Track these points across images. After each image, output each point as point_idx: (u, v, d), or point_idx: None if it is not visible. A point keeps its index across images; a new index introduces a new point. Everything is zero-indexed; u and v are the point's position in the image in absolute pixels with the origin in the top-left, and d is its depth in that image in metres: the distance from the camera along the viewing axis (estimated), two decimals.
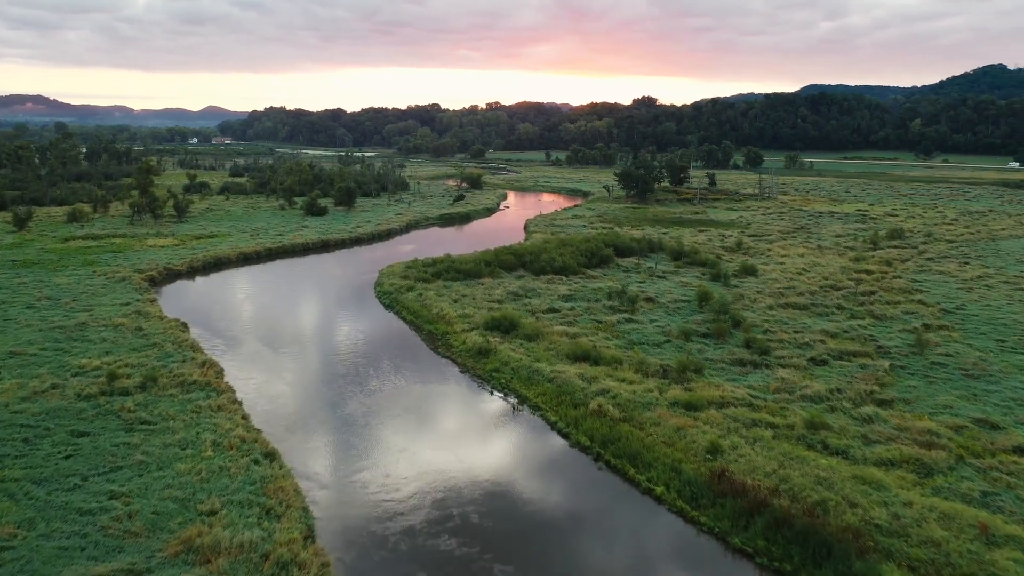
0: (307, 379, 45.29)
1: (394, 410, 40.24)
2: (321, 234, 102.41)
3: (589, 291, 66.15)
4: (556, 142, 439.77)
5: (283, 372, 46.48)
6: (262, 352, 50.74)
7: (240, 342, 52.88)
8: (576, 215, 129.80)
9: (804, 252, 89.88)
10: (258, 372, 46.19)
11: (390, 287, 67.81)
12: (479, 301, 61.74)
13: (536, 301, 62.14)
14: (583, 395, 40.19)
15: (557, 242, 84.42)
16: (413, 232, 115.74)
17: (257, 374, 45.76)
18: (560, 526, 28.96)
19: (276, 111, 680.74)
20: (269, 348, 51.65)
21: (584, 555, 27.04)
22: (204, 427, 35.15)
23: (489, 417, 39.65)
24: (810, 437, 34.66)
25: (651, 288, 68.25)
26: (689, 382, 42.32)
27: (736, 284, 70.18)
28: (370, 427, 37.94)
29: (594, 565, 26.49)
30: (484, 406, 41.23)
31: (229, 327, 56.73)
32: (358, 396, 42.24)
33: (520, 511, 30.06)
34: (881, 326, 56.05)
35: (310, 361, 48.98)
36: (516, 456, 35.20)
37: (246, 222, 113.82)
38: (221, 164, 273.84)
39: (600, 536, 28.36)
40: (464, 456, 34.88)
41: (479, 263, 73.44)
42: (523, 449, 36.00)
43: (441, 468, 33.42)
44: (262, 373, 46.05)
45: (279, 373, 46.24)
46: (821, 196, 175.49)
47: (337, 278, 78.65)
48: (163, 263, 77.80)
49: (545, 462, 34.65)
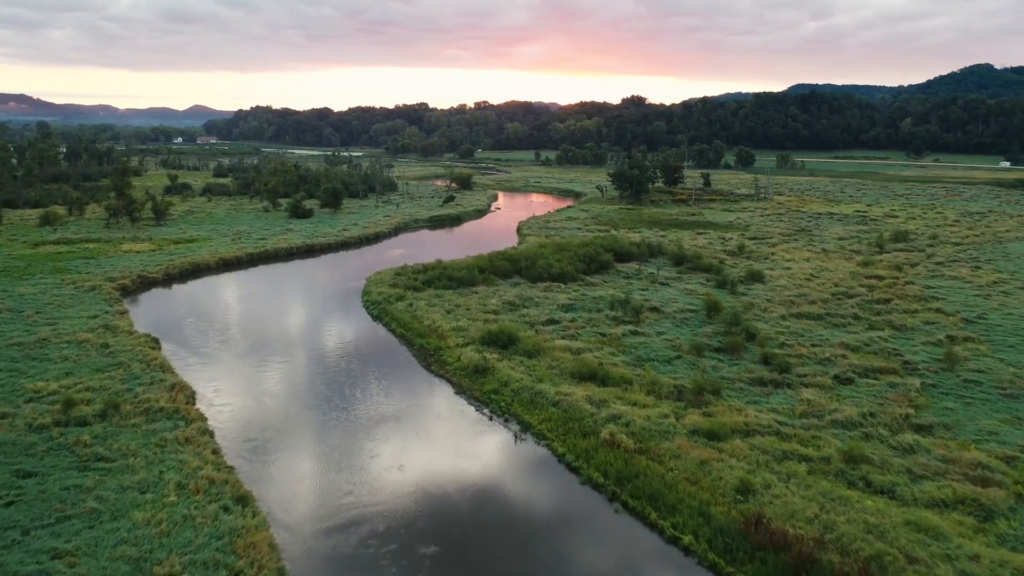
0: (288, 403, 41.24)
1: (384, 440, 36.30)
2: (306, 238, 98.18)
3: (590, 300, 62.39)
4: (545, 142, 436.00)
5: (262, 395, 42.41)
6: (239, 371, 46.64)
7: (216, 360, 48.74)
8: (570, 217, 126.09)
9: (809, 256, 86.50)
10: (234, 395, 42.09)
11: (378, 296, 63.80)
12: (474, 312, 57.86)
13: (534, 311, 58.32)
14: (592, 422, 36.41)
15: (553, 247, 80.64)
16: (402, 235, 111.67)
17: (233, 398, 41.67)
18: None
19: (262, 110, 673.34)
20: (247, 367, 47.55)
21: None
22: (169, 465, 31.11)
23: (489, 449, 35.77)
24: (850, 472, 31.01)
25: (654, 296, 64.60)
26: (707, 405, 38.65)
27: (743, 291, 66.65)
28: (357, 462, 33.99)
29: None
30: (483, 435, 37.36)
31: (205, 343, 52.56)
32: (344, 424, 38.28)
33: (531, 567, 26.22)
34: (903, 338, 52.61)
35: (292, 382, 44.91)
36: (521, 497, 31.35)
37: (228, 225, 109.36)
38: (205, 164, 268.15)
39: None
40: (464, 499, 30.99)
41: (472, 270, 69.55)
42: (529, 488, 32.16)
43: (439, 514, 29.55)
44: (238, 396, 41.97)
45: (257, 396, 42.17)
46: (816, 196, 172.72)
47: (322, 286, 74.51)
48: (137, 270, 73.42)
49: (554, 503, 30.82)
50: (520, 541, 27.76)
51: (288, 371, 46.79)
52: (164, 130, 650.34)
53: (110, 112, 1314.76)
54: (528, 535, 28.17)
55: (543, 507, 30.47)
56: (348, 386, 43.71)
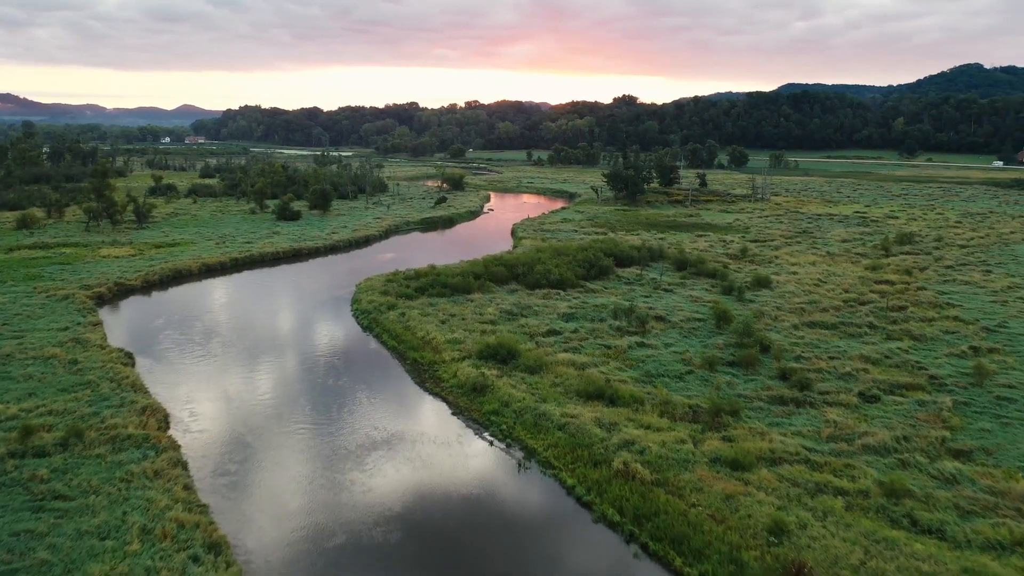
0: (272, 429, 37.91)
1: (377, 472, 33.07)
2: (293, 241, 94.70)
3: (591, 308, 59.29)
4: (537, 141, 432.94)
5: (243, 418, 39.07)
6: (219, 391, 43.28)
7: (194, 377, 45.34)
8: (565, 218, 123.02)
9: (815, 260, 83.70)
10: (212, 419, 38.75)
11: (369, 305, 60.50)
12: (469, 322, 54.66)
13: (534, 321, 55.17)
14: (603, 448, 33.30)
15: (551, 251, 77.50)
16: (393, 238, 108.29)
17: (210, 422, 38.33)
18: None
19: (251, 110, 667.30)
20: (228, 385, 44.19)
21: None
22: (134, 504, 27.82)
23: (491, 480, 32.58)
24: (892, 508, 28.03)
25: (659, 304, 61.58)
26: (726, 428, 35.62)
27: (751, 298, 63.73)
28: (347, 499, 30.75)
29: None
30: (484, 463, 34.17)
31: (183, 357, 49.13)
32: (333, 452, 35.02)
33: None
34: (923, 349, 49.79)
35: (276, 403, 41.57)
36: (530, 539, 28.19)
37: (213, 228, 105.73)
38: (192, 165, 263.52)
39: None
40: (467, 541, 27.84)
41: (467, 276, 66.34)
42: (537, 528, 29.00)
43: (438, 560, 26.38)
44: (217, 420, 38.63)
45: (238, 419, 38.83)
46: (813, 197, 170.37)
47: (309, 293, 71.11)
48: (115, 277, 69.82)
49: (567, 547, 27.67)
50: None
51: (272, 390, 43.45)
52: (152, 130, 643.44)
53: (98, 112, 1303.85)
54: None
55: (554, 551, 27.32)
56: (337, 407, 40.44)
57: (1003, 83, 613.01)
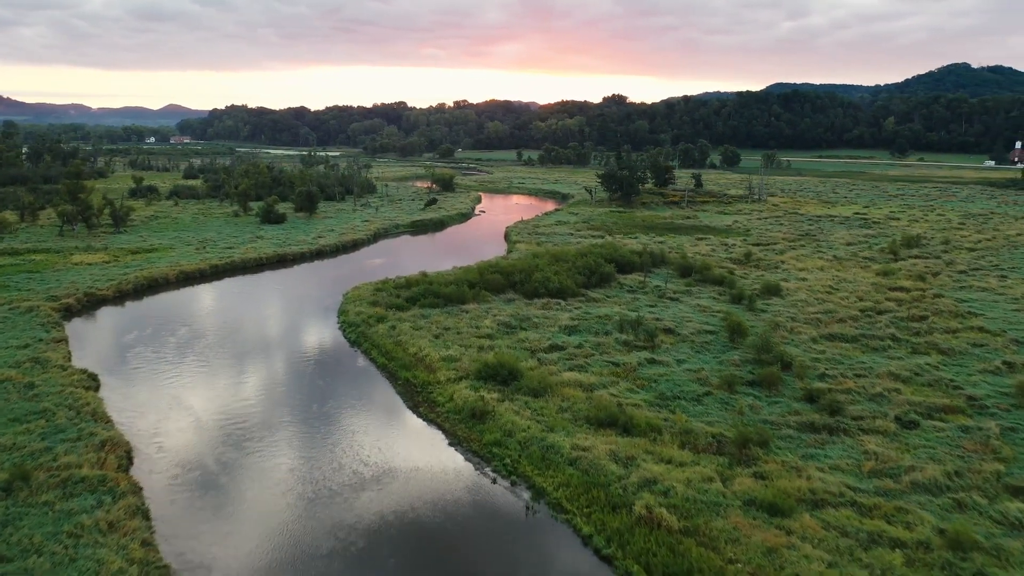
0: (249, 466, 33.89)
1: (366, 520, 29.16)
2: (278, 246, 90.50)
3: (595, 320, 55.54)
4: (527, 141, 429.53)
5: (217, 453, 35.03)
6: (191, 419, 39.20)
7: (163, 404, 41.23)
8: (560, 221, 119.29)
9: (823, 265, 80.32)
10: (181, 454, 34.68)
11: (356, 317, 56.50)
12: (465, 336, 50.79)
13: (534, 335, 51.35)
14: (621, 489, 29.55)
15: (549, 257, 73.69)
16: (382, 242, 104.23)
17: (179, 457, 34.26)
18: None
19: (237, 109, 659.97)
20: (202, 412, 40.12)
21: None
22: (82, 567, 23.81)
23: (496, 527, 28.73)
24: (960, 566, 24.40)
25: (665, 314, 57.93)
26: (756, 462, 31.96)
27: (762, 308, 60.19)
28: (332, 554, 26.84)
29: None
30: (486, 506, 30.31)
31: (153, 378, 45.00)
32: (317, 496, 31.08)
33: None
34: (954, 364, 46.35)
35: (255, 434, 37.49)
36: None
37: (194, 232, 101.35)
38: (176, 165, 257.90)
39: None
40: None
41: (462, 285, 62.46)
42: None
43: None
44: (187, 456, 34.56)
45: (211, 454, 34.81)
46: (809, 197, 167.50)
47: (293, 303, 67.03)
48: (85, 286, 65.51)
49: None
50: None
51: (252, 417, 39.39)
52: (136, 129, 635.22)
53: (82, 111, 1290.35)
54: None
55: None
56: (322, 438, 36.48)
57: (990, 82, 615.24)
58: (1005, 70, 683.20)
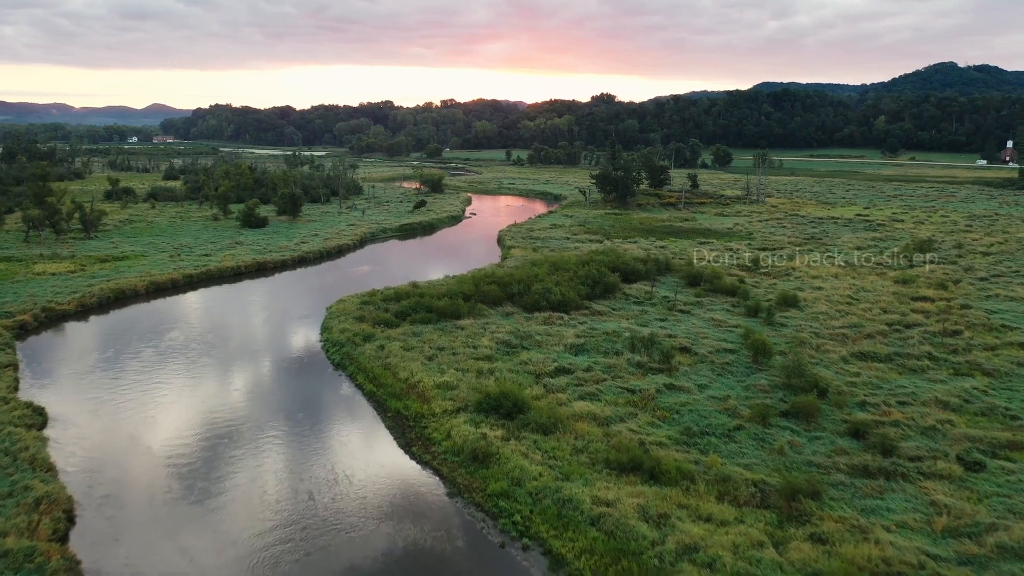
0: (213, 530, 28.76)
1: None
2: (258, 253, 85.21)
3: (602, 337, 50.74)
4: (515, 140, 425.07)
5: (175, 512, 29.88)
6: (149, 464, 34.02)
7: (119, 445, 36.02)
8: (554, 224, 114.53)
9: (837, 272, 75.96)
10: (133, 513, 29.50)
11: (341, 335, 51.44)
12: (462, 358, 45.86)
13: (538, 356, 46.47)
14: (656, 558, 24.77)
15: (548, 265, 68.86)
16: (369, 247, 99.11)
17: (130, 517, 29.11)
18: None
19: (221, 108, 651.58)
20: (162, 456, 34.95)
21: None
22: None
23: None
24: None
25: (677, 329, 53.27)
26: (809, 518, 27.26)
27: (781, 321, 55.66)
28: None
29: None
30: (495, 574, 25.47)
31: (111, 413, 39.74)
32: (295, 570, 26.10)
33: None
34: (1003, 388, 41.94)
35: (221, 487, 32.26)
36: None
37: (169, 237, 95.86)
38: (156, 166, 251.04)
39: None
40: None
41: (455, 297, 57.55)
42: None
43: None
44: (139, 515, 29.40)
45: (168, 514, 29.67)
46: (806, 198, 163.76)
47: (272, 319, 61.87)
48: (45, 300, 60.08)
49: None
50: None
51: (220, 466, 34.16)
52: (118, 129, 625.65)
53: (64, 111, 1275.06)
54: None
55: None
56: (302, 492, 31.39)
57: (977, 81, 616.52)
58: (991, 69, 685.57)
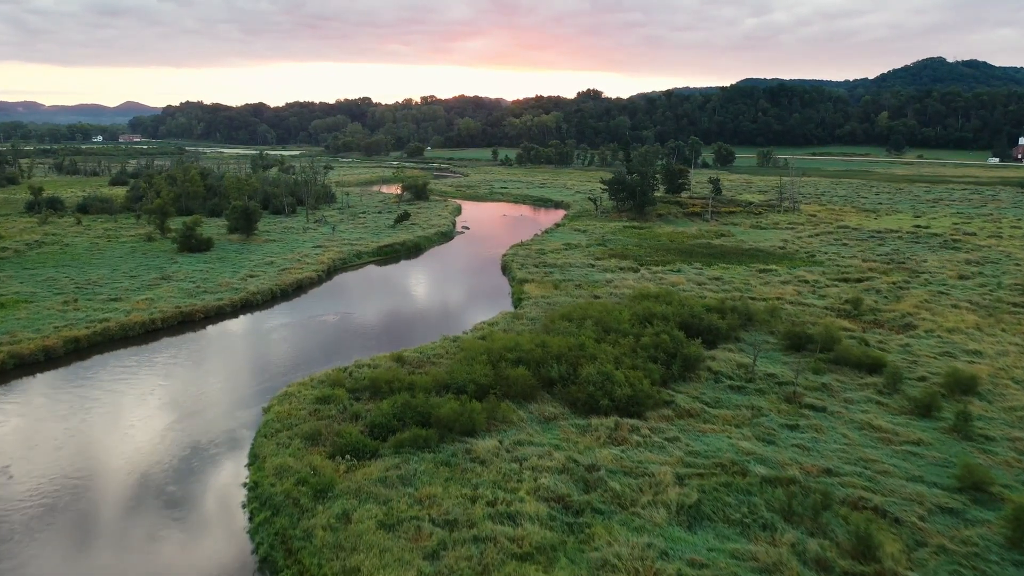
0: None
1: None
2: (186, 295, 63.43)
3: (718, 477, 29.83)
4: (500, 138, 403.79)
5: None
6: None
7: None
8: (568, 243, 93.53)
9: (977, 321, 55.55)
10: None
11: (278, 484, 30.01)
12: (485, 543, 24.79)
13: (626, 539, 25.48)
14: None
15: (592, 323, 47.78)
16: (338, 277, 77.67)
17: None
18: None
19: (192, 106, 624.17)
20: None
21: None
22: None
23: None
24: None
25: (825, 450, 32.70)
26: None
27: (981, 428, 35.20)
28: None
29: None
30: None
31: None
32: None
33: None
34: None
35: None
36: None
37: (79, 269, 73.85)
38: (108, 168, 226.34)
39: None
40: None
41: (465, 393, 36.54)
42: None
43: None
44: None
45: None
46: (838, 203, 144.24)
47: (170, 438, 40.36)
48: None
49: None
50: None
51: None
52: (83, 128, 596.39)
53: (33, 109, 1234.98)
54: None
55: None
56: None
57: (967, 77, 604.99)
58: (980, 64, 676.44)
